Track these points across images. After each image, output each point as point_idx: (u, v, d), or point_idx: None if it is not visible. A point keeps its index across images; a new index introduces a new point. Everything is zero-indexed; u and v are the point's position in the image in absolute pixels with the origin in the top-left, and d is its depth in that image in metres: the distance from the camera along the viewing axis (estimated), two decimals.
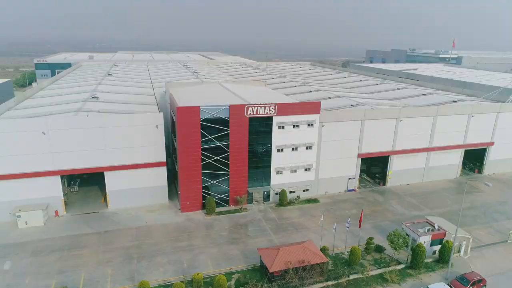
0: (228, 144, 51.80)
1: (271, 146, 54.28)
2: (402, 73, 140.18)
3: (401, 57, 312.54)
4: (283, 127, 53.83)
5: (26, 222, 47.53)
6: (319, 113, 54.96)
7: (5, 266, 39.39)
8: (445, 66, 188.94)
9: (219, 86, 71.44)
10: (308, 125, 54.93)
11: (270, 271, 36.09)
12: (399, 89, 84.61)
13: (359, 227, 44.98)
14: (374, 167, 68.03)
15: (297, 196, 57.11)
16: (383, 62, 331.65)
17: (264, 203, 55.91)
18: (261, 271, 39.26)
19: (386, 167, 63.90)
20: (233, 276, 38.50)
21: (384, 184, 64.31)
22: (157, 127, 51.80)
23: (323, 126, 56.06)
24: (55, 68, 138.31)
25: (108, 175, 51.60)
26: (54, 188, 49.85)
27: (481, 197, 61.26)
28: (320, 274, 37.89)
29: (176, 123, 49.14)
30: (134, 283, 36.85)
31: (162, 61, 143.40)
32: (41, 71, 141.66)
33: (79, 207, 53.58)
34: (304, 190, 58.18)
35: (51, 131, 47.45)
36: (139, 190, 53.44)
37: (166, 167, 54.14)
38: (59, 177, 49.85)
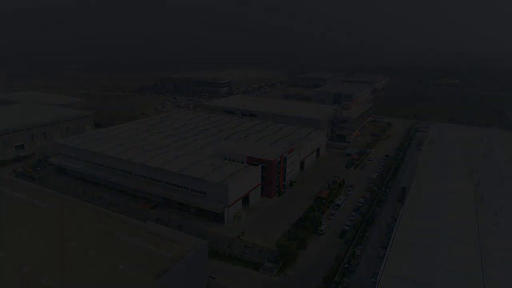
0: (282, 169, 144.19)
1: (286, 164, 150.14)
2: (240, 110, 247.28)
3: (190, 83, 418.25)
4: (289, 158, 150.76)
5: (242, 218, 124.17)
6: (294, 150, 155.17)
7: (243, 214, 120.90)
8: (244, 95, 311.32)
9: (238, 144, 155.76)
10: (294, 155, 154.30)
11: (323, 197, 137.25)
12: (281, 128, 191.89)
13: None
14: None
15: (294, 181, 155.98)
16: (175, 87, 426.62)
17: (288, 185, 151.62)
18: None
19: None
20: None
21: (303, 169, 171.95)
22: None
23: (292, 154, 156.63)
24: None
25: (250, 194, 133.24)
26: None
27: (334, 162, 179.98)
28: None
29: (272, 165, 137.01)
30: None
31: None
32: None
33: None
34: (292, 180, 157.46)
35: None
36: (257, 196, 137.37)
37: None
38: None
